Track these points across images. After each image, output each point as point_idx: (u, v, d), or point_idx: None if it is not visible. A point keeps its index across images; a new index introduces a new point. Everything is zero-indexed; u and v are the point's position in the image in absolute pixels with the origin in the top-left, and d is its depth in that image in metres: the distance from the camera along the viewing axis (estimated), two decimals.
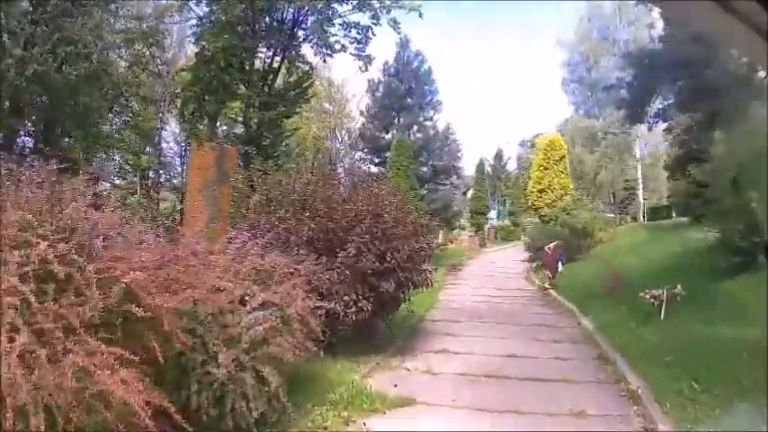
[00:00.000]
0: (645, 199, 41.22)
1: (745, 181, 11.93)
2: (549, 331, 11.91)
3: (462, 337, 11.00)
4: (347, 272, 8.20)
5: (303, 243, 8.38)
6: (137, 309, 3.80)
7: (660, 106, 24.23)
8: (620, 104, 30.67)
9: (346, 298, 8.09)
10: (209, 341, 4.79)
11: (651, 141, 41.75)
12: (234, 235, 6.60)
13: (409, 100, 36.79)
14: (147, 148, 29.58)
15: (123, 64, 23.39)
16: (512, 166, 55.90)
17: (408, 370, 8.48)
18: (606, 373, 8.53)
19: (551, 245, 19.68)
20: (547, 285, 18.74)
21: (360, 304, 8.12)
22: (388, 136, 36.16)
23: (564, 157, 35.42)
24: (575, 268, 19.94)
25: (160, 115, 28.85)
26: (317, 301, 6.23)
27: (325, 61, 23.49)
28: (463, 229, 41.59)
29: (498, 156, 54.50)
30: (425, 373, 8.33)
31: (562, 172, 34.74)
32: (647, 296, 10.83)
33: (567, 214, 27.87)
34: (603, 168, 40.56)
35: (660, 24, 27.70)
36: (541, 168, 35.08)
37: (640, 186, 40.88)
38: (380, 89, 37.29)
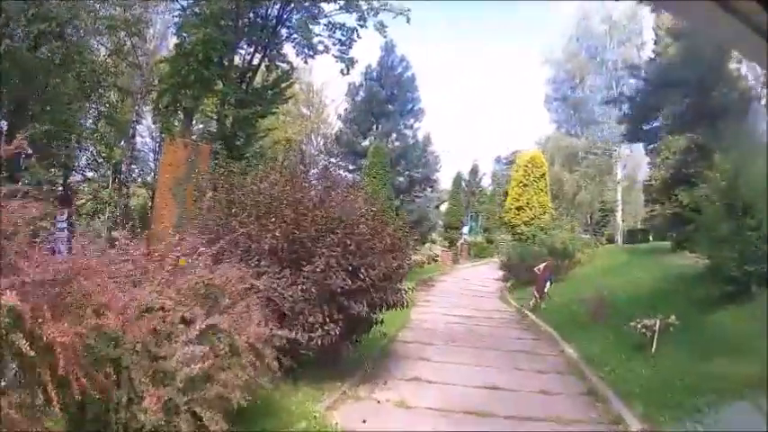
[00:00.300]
0: (623, 221, 40.85)
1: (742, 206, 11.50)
2: (530, 359, 11.05)
3: (437, 364, 10.12)
4: (313, 289, 7.15)
5: (265, 252, 7.37)
6: (24, 342, 2.79)
7: (656, 125, 23.72)
8: (621, 120, 30.28)
9: (311, 319, 7.04)
10: (137, 377, 3.80)
11: (629, 164, 41.54)
12: (178, 239, 5.45)
13: (390, 106, 35.60)
14: (122, 142, 28.30)
15: (103, 51, 22.22)
16: (486, 182, 55.41)
17: (379, 402, 7.52)
18: (599, 411, 7.74)
19: (541, 265, 18.67)
20: (531, 304, 17.81)
21: (326, 327, 7.09)
22: (366, 142, 35.00)
23: (544, 174, 34.58)
24: (554, 290, 19.18)
25: (136, 108, 27.70)
26: (277, 325, 5.21)
27: (306, 62, 22.74)
28: (434, 242, 40.73)
29: (474, 171, 53.83)
30: (398, 406, 7.39)
31: (542, 190, 33.92)
32: (639, 326, 10.13)
33: (545, 233, 27.22)
34: (583, 189, 40.04)
35: (650, 45, 27.58)
36: (521, 185, 34.18)
37: (620, 209, 40.41)
38: (361, 93, 36.08)
